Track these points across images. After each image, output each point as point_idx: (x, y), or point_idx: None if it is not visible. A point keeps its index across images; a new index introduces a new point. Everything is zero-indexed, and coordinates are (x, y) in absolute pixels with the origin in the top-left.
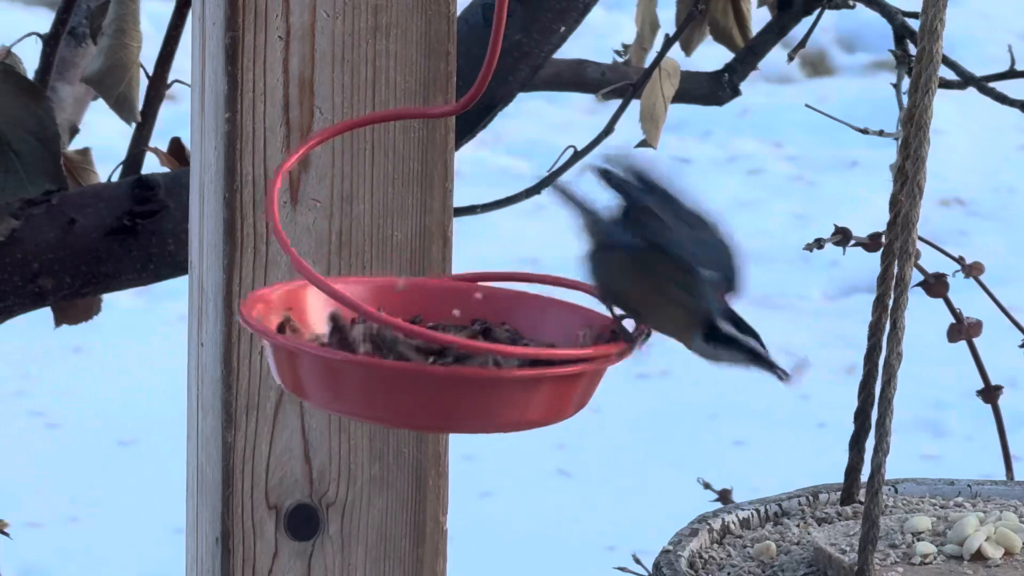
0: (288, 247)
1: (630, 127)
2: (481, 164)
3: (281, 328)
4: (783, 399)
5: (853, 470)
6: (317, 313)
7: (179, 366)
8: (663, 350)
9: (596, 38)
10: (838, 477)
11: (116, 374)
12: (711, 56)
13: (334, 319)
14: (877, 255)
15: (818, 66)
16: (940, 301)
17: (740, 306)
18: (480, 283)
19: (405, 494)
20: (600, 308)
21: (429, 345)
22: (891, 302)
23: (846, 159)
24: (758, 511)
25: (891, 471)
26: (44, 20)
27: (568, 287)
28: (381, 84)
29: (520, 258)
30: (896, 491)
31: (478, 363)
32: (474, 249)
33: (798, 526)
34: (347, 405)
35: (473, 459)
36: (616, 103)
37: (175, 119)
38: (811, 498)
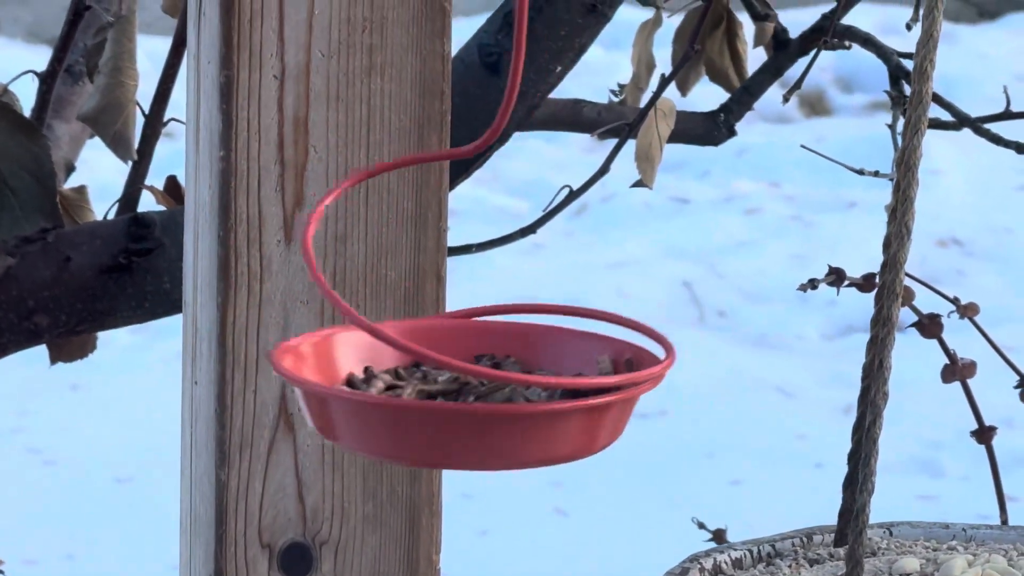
0: (330, 292)
1: (626, 167)
2: (479, 203)
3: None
4: (781, 439)
5: (847, 511)
6: (348, 360)
7: (176, 404)
8: (661, 390)
9: (593, 77)
10: (835, 518)
11: (113, 411)
12: (708, 96)
13: (367, 368)
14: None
15: (816, 106)
16: (935, 342)
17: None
18: (476, 319)
19: (398, 533)
20: (613, 333)
21: (450, 385)
22: (878, 341)
23: (844, 199)
24: (751, 551)
25: (887, 512)
26: (43, 57)
27: (573, 315)
28: (376, 123)
29: (516, 297)
30: (891, 534)
31: (503, 398)
32: (470, 288)
33: (790, 567)
34: (377, 447)
35: (471, 497)
36: (613, 142)
37: (172, 157)
38: (805, 539)
